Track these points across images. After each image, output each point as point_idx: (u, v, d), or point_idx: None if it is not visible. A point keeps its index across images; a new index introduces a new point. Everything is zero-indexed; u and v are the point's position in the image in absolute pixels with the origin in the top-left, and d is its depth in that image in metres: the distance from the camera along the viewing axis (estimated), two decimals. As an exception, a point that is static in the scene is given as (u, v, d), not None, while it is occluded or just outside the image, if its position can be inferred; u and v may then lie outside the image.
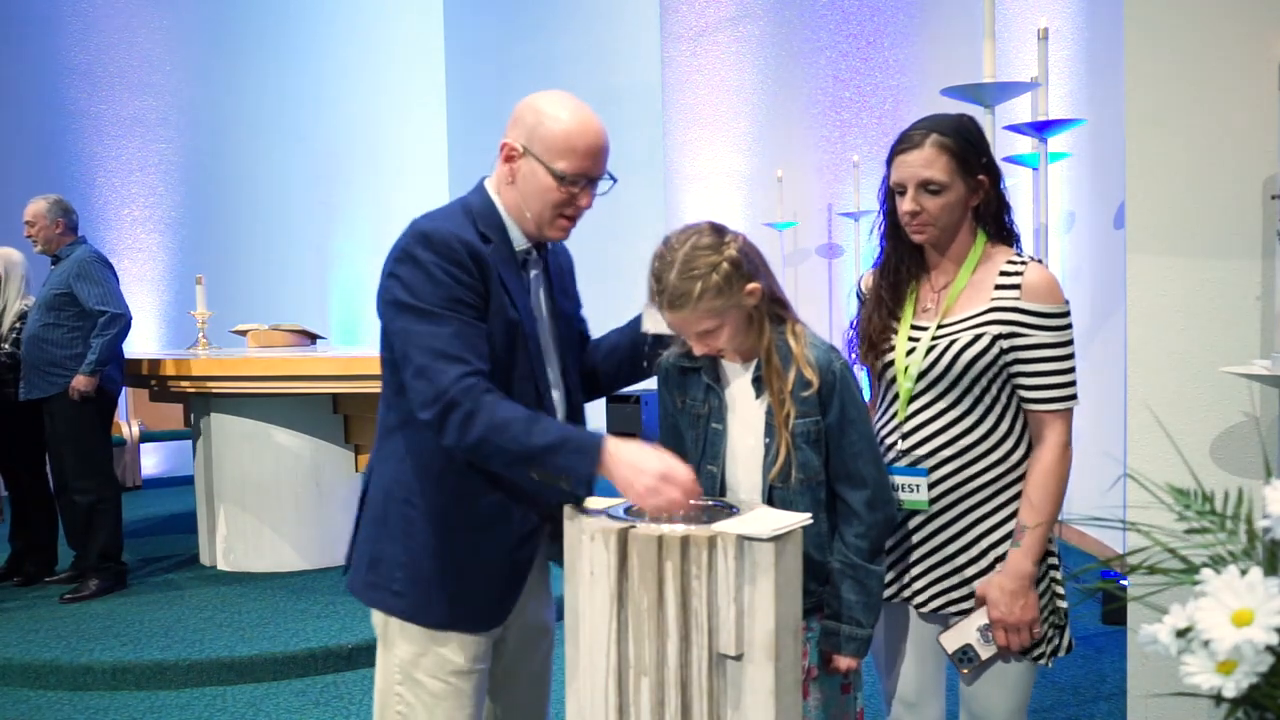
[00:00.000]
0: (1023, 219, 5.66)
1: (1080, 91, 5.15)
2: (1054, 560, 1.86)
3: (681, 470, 1.63)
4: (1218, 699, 1.26)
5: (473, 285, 1.72)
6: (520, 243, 1.84)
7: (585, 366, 2.03)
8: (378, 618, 1.87)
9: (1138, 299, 2.22)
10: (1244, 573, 1.25)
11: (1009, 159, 4.86)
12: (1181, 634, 1.27)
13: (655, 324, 1.83)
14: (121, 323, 4.49)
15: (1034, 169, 4.68)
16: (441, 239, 1.71)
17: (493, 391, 1.67)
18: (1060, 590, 1.86)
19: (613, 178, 1.83)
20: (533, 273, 1.89)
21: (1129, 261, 2.22)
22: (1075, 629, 3.96)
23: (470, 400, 1.64)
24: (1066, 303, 1.81)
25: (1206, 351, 2.13)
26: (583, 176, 1.76)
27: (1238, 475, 2.08)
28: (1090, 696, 3.35)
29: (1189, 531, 1.53)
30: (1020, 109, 4.88)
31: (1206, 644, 1.23)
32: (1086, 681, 3.47)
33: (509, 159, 1.79)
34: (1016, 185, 5.64)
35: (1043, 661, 1.86)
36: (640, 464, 1.62)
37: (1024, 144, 4.79)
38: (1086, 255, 5.31)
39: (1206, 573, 1.29)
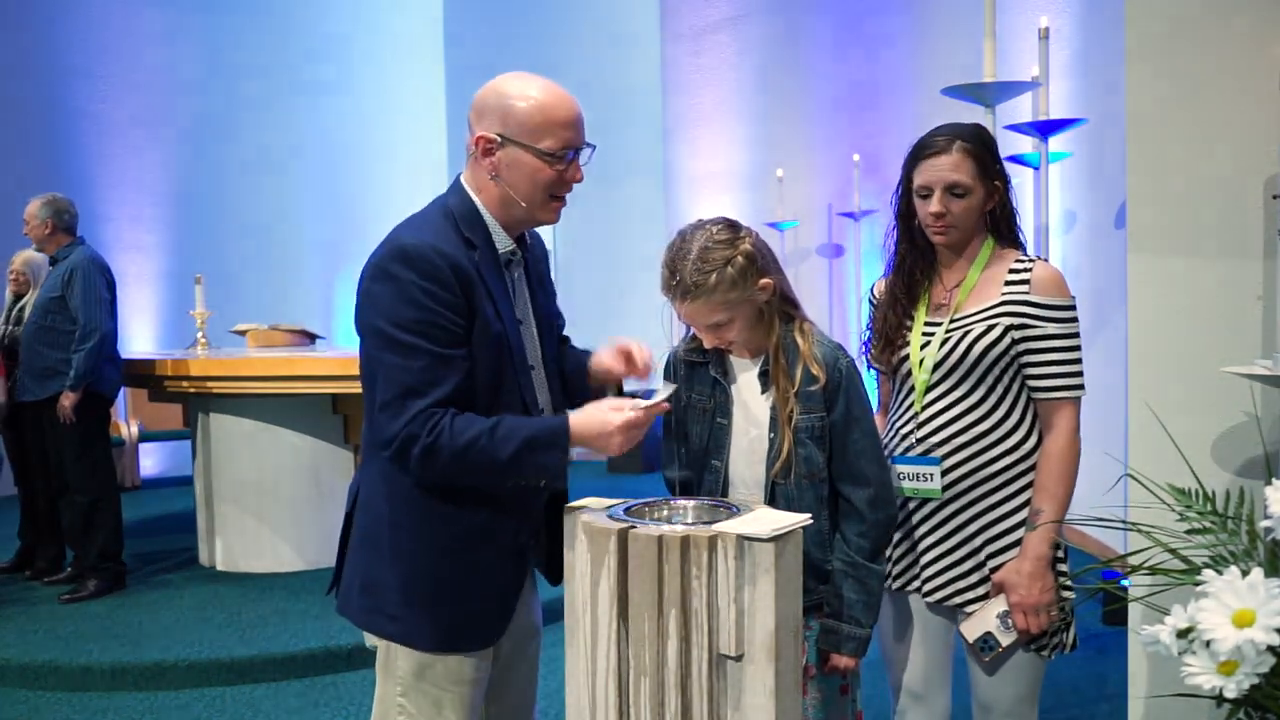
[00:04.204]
0: (1023, 218, 5.68)
1: (1080, 91, 5.15)
2: (1060, 554, 1.90)
3: (632, 413, 1.67)
4: (1219, 699, 1.26)
5: (452, 303, 1.65)
6: (504, 244, 1.78)
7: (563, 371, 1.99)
8: (378, 642, 1.85)
9: (1138, 299, 2.22)
10: (1245, 573, 1.25)
11: (1010, 158, 4.85)
12: (1183, 634, 1.27)
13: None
14: (96, 337, 4.41)
15: (1034, 169, 4.67)
16: (421, 254, 1.64)
17: (450, 414, 1.63)
18: (1067, 582, 1.90)
19: (591, 145, 1.76)
20: (516, 274, 1.84)
21: (1129, 261, 2.22)
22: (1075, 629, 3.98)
23: (427, 433, 1.61)
24: (1073, 297, 1.89)
25: (1207, 351, 2.13)
26: (569, 149, 1.71)
27: (1238, 476, 2.07)
28: (1090, 697, 3.34)
29: (1190, 532, 1.53)
30: (1021, 108, 4.88)
31: (1208, 644, 1.23)
32: (1087, 682, 3.47)
33: (487, 152, 1.72)
34: (1017, 185, 5.64)
35: (1046, 654, 1.88)
36: (603, 430, 1.67)
37: (1024, 144, 4.79)
38: (1086, 255, 5.31)
39: (1208, 573, 1.29)
